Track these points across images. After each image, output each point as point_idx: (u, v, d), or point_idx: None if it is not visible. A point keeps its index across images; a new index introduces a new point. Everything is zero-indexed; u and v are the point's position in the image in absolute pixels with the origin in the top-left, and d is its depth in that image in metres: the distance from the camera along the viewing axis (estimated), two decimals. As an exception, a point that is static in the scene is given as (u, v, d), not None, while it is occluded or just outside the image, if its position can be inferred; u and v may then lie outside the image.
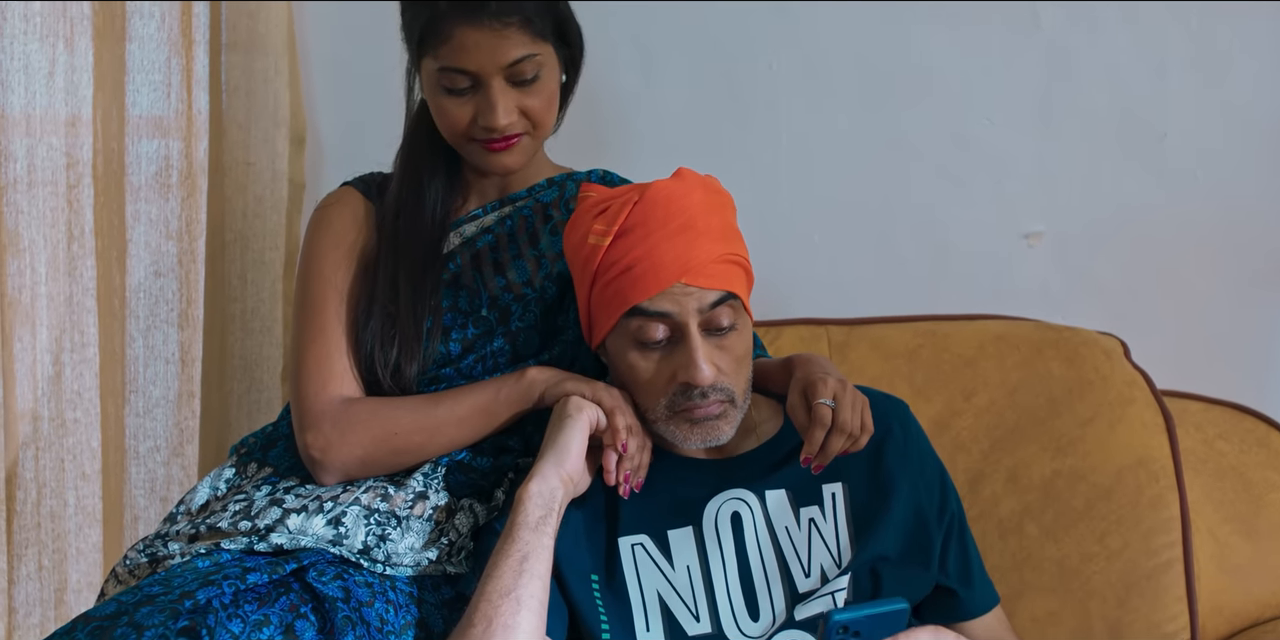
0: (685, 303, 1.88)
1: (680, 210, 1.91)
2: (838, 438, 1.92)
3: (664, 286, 1.88)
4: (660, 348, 1.92)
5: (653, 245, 1.90)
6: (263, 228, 2.85)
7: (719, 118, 2.82)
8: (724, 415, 1.92)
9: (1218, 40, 2.65)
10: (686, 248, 1.89)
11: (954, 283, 2.76)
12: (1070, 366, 2.43)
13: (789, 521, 1.98)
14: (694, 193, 1.93)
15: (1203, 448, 2.46)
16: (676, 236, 1.89)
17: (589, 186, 2.04)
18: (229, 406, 2.89)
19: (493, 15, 1.98)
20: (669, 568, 1.96)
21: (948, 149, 2.76)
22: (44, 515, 2.48)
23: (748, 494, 1.99)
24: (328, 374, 2.07)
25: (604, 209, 1.96)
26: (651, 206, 1.92)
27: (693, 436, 1.93)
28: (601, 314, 1.96)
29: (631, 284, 1.90)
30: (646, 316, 1.90)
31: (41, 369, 2.47)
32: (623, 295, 1.91)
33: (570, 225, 2.02)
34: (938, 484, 2.04)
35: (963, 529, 2.04)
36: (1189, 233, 2.69)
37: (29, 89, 2.41)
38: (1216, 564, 2.37)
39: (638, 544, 1.97)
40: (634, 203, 1.93)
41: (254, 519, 1.94)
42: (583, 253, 1.97)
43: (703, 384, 1.88)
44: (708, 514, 1.98)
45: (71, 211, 2.46)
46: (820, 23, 2.77)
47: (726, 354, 1.92)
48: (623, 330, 1.93)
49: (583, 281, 1.99)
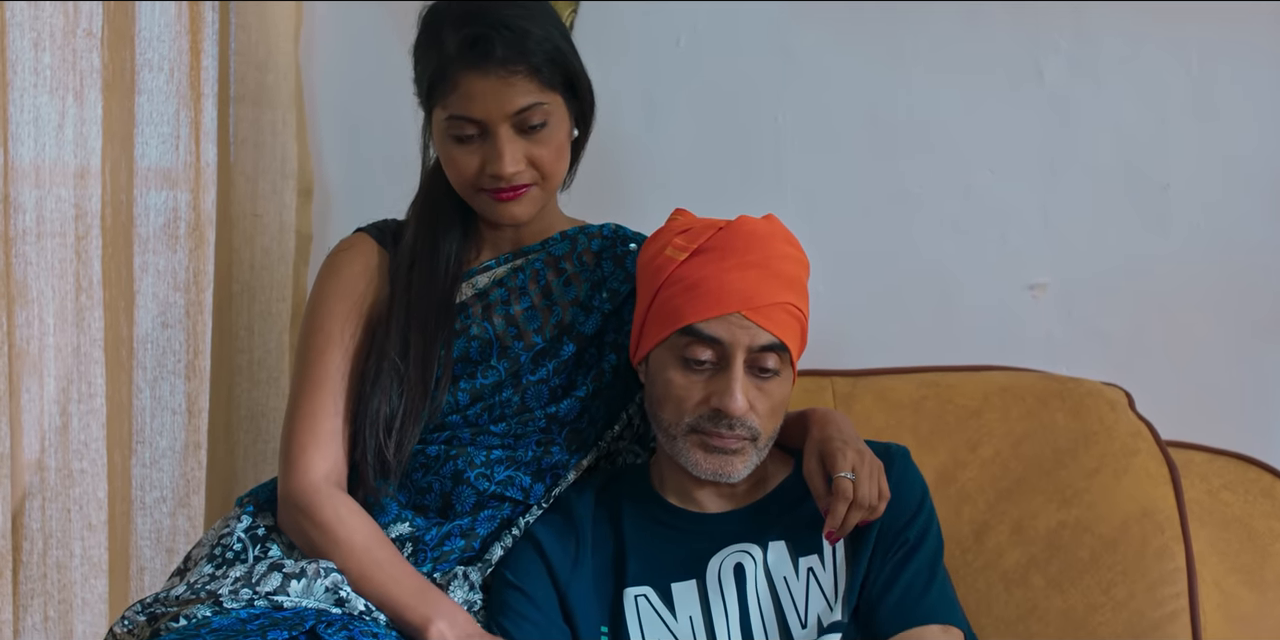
0: (738, 335, 1.91)
1: (759, 246, 1.95)
2: (856, 512, 1.94)
3: (723, 312, 1.91)
4: (702, 371, 1.94)
5: (724, 270, 1.93)
6: (270, 279, 2.85)
7: (725, 169, 2.83)
8: (740, 452, 1.94)
9: (1218, 90, 2.66)
10: (755, 282, 1.92)
11: (958, 334, 2.76)
12: (1075, 417, 2.43)
13: (788, 572, 1.99)
14: (777, 237, 1.98)
15: (1207, 498, 2.46)
16: (749, 269, 1.93)
17: (682, 211, 2.09)
18: (235, 457, 2.89)
19: (499, 63, 2.00)
20: (672, 619, 1.96)
21: (952, 200, 2.76)
22: (50, 565, 2.48)
23: (752, 547, 2.00)
24: (309, 437, 2.09)
25: (688, 229, 1.99)
26: (734, 235, 1.96)
27: (703, 464, 1.95)
28: (655, 326, 1.98)
29: (692, 302, 1.93)
30: (698, 337, 1.92)
31: (48, 419, 2.47)
32: (680, 311, 1.94)
33: (651, 239, 2.07)
34: (908, 513, 2.02)
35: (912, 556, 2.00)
36: (1192, 283, 2.70)
37: (38, 141, 2.42)
38: (1222, 614, 2.36)
39: (641, 595, 1.97)
40: (719, 228, 1.97)
41: (254, 586, 1.93)
42: (655, 263, 2.00)
43: (733, 414, 1.90)
44: (711, 567, 1.99)
45: (80, 262, 2.46)
46: (825, 75, 2.79)
47: (764, 397, 1.94)
48: (671, 345, 1.96)
49: (646, 292, 2.01)
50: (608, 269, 2.20)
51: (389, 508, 2.10)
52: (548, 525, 2.07)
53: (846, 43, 2.78)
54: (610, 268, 2.21)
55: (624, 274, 2.20)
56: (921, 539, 2.02)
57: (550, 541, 2.04)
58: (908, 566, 1.99)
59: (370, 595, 1.97)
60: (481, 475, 2.10)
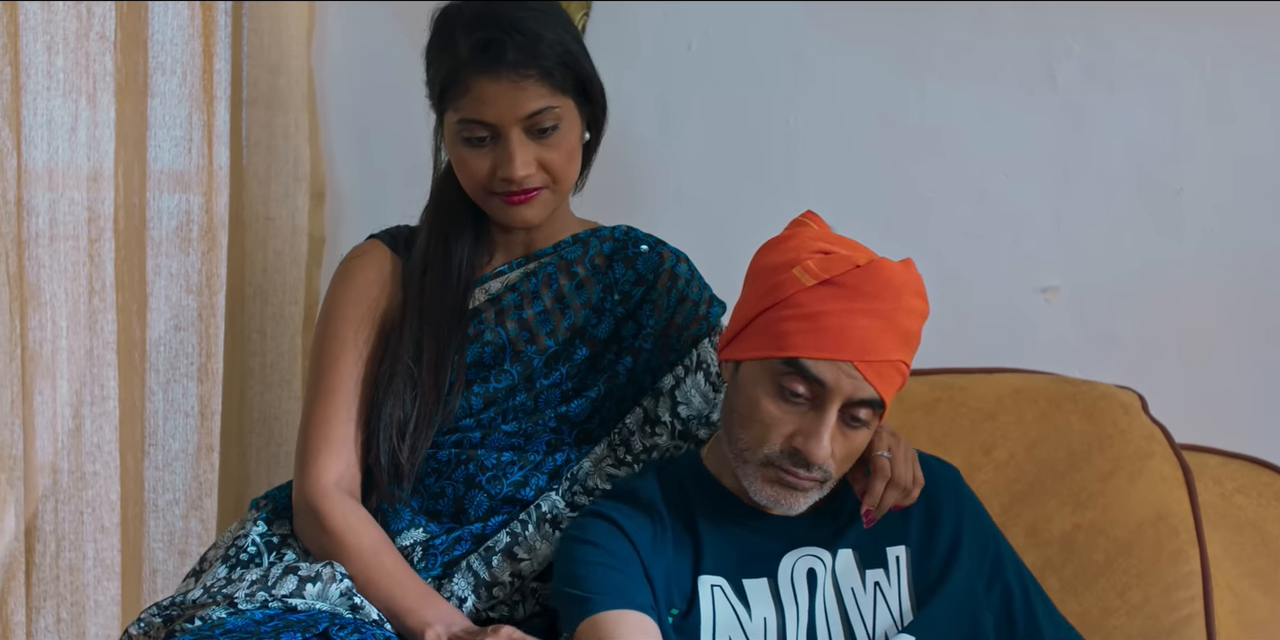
0: (844, 383, 1.87)
1: (893, 297, 1.89)
2: (893, 491, 1.94)
3: (836, 357, 1.86)
4: (796, 404, 1.90)
5: (850, 312, 1.87)
6: (282, 282, 2.86)
7: (736, 173, 2.84)
8: (808, 491, 1.92)
9: (1231, 94, 2.66)
10: (878, 334, 1.87)
11: (971, 337, 2.76)
12: (1089, 420, 2.43)
13: (855, 582, 1.98)
14: (909, 290, 1.91)
15: (1221, 502, 2.46)
16: (875, 318, 1.88)
17: (812, 215, 2.04)
18: (248, 460, 2.89)
19: (511, 67, 2.00)
20: (746, 616, 1.95)
21: (965, 205, 2.77)
22: (63, 568, 2.48)
23: (822, 552, 1.99)
24: (322, 443, 2.09)
25: (827, 252, 1.92)
26: (870, 278, 1.89)
27: (768, 495, 1.93)
28: (758, 341, 1.93)
29: (807, 335, 1.88)
30: (802, 373, 1.88)
31: (61, 422, 2.47)
32: (791, 339, 1.88)
33: (777, 242, 2.01)
34: (991, 556, 2.03)
35: (1025, 590, 2.03)
36: (1205, 287, 2.70)
37: (51, 144, 2.42)
38: (1236, 619, 2.36)
39: (716, 585, 1.96)
40: (857, 265, 1.89)
41: (270, 589, 1.94)
42: (779, 275, 1.93)
43: (814, 460, 1.88)
44: (783, 568, 1.98)
45: (93, 265, 2.47)
46: (837, 79, 2.79)
47: (847, 443, 1.91)
48: (770, 368, 1.91)
49: (757, 296, 1.95)
50: (619, 271, 2.20)
51: (403, 514, 2.10)
52: (618, 507, 2.02)
53: (858, 46, 2.78)
54: (621, 270, 2.20)
55: (635, 276, 2.20)
56: (1015, 572, 2.04)
57: (627, 519, 1.99)
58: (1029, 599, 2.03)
59: (374, 600, 1.98)
60: (494, 478, 2.10)
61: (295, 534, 2.10)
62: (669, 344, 2.21)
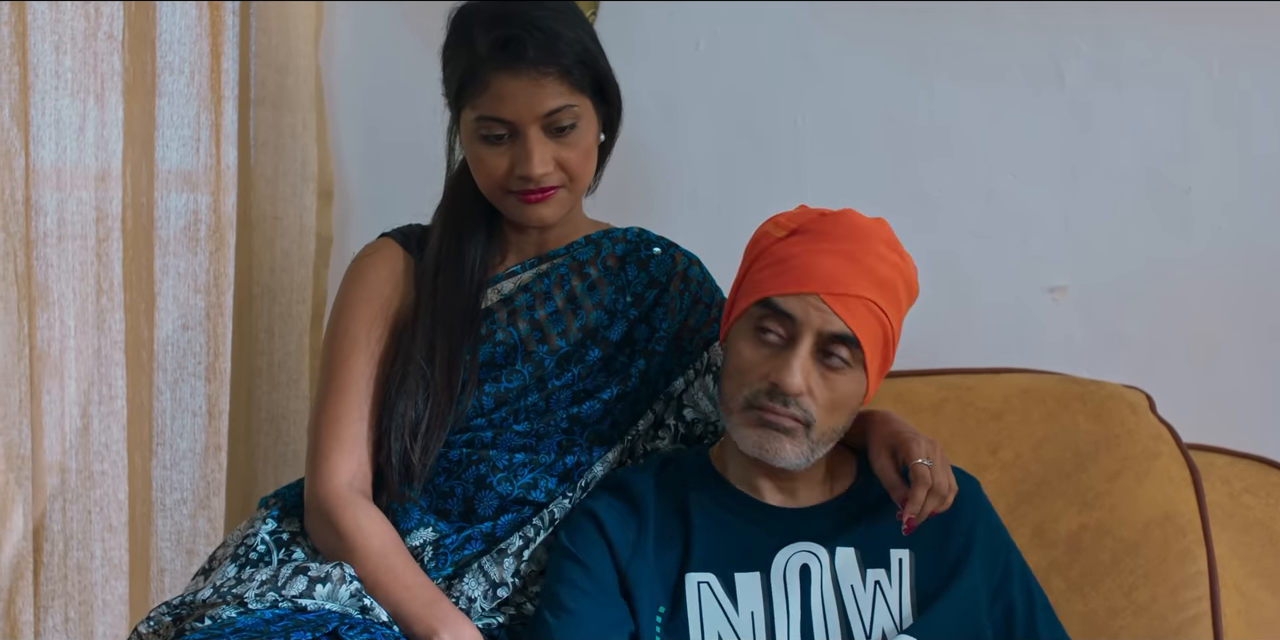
0: (811, 315, 1.90)
1: (856, 238, 1.95)
2: (933, 498, 1.94)
3: (802, 290, 1.91)
4: (771, 345, 1.93)
5: (815, 252, 1.93)
6: (290, 282, 2.86)
7: (744, 172, 2.84)
8: (792, 434, 1.92)
9: (1239, 94, 2.66)
10: (843, 269, 1.92)
11: (979, 336, 2.76)
12: (1096, 420, 2.43)
13: (855, 580, 1.98)
14: (877, 237, 1.97)
15: (1229, 502, 2.45)
16: (841, 257, 1.92)
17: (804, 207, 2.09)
18: (255, 459, 2.89)
19: (530, 64, 2.00)
20: (733, 611, 1.96)
21: (973, 204, 2.76)
22: (70, 567, 2.49)
23: (818, 548, 1.99)
24: (333, 442, 2.09)
25: (797, 214, 2.01)
26: (834, 223, 1.97)
27: (752, 437, 1.94)
28: (740, 301, 1.98)
29: (776, 276, 1.93)
30: (773, 310, 1.92)
31: (69, 421, 2.48)
32: (763, 285, 1.94)
33: (763, 224, 2.06)
34: (1000, 569, 2.04)
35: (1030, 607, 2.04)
36: (1214, 287, 2.69)
37: (59, 143, 2.43)
38: (1244, 620, 2.36)
39: (704, 582, 1.97)
40: (822, 214, 1.98)
41: (280, 590, 1.94)
42: (755, 239, 2.02)
43: (789, 391, 1.89)
44: (777, 563, 1.98)
45: (100, 265, 2.47)
46: (845, 78, 2.79)
47: (826, 387, 1.93)
48: (748, 316, 1.96)
49: (742, 268, 2.03)
50: (631, 273, 2.21)
51: (412, 513, 2.10)
52: (607, 503, 2.04)
53: (866, 46, 2.78)
54: (634, 272, 2.21)
55: (647, 278, 2.20)
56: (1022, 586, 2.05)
57: (611, 519, 2.01)
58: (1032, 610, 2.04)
59: (382, 603, 1.97)
60: (504, 479, 2.10)
61: (305, 532, 2.11)
62: (681, 346, 2.22)
